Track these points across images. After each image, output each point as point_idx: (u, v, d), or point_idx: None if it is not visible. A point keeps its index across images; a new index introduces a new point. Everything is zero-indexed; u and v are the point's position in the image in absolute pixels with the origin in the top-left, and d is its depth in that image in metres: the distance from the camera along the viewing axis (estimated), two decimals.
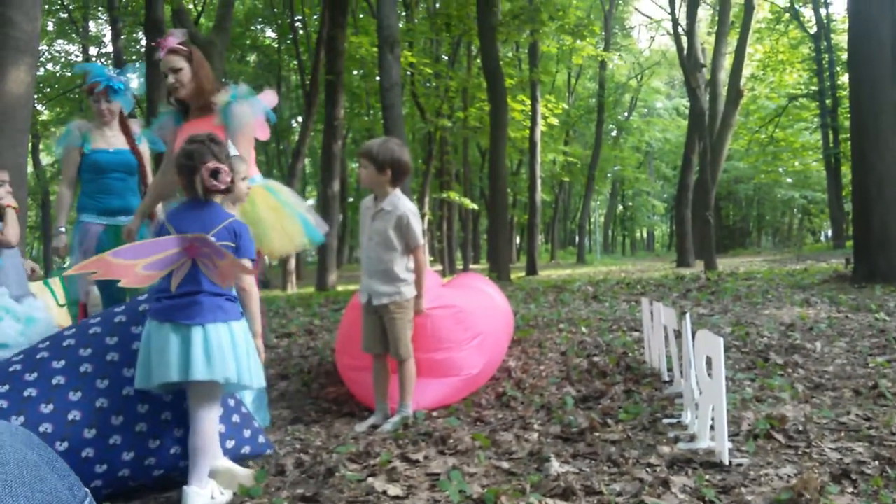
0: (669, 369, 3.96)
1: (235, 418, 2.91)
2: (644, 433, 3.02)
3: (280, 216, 3.53)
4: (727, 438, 2.61)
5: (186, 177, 2.62)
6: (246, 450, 2.89)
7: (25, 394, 2.53)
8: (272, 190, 3.65)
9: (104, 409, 2.59)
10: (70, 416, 2.54)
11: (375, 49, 14.69)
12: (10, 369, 2.62)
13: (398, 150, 3.54)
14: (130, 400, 2.64)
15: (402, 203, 3.54)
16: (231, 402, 2.93)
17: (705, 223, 16.72)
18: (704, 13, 28.52)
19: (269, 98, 3.62)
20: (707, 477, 2.44)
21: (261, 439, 2.98)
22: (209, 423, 2.54)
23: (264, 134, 3.68)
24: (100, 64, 4.73)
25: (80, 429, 2.53)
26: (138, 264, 2.40)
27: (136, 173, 4.40)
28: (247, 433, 2.92)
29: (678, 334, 3.62)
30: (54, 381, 2.58)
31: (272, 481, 2.73)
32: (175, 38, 3.65)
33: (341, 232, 25.28)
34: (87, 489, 1.29)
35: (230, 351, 2.52)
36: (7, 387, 2.55)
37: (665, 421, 3.15)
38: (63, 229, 4.42)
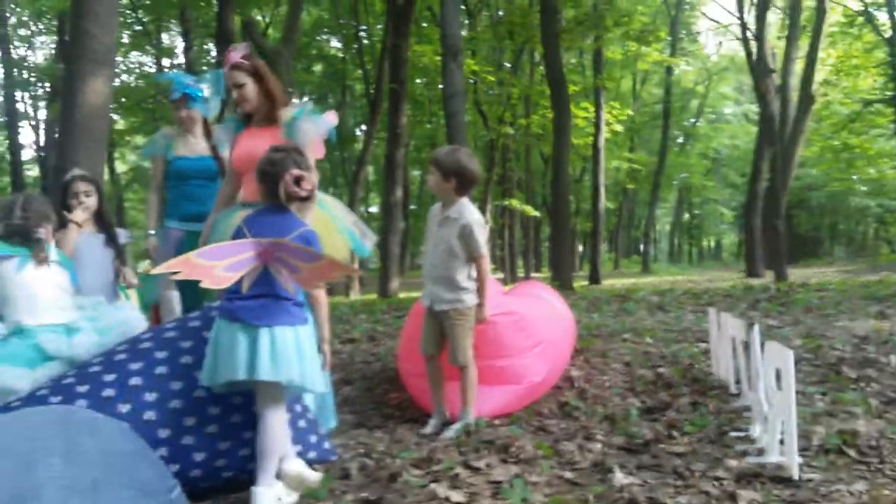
0: (737, 382, 3.87)
1: (301, 424, 2.96)
2: (711, 446, 2.96)
3: (329, 229, 3.53)
4: (797, 453, 2.54)
5: (268, 183, 2.70)
6: (311, 455, 2.93)
7: (104, 394, 2.63)
8: (322, 203, 3.65)
9: (178, 411, 2.67)
10: (146, 416, 2.63)
11: (438, 58, 14.78)
12: (90, 370, 2.72)
13: (465, 160, 3.57)
14: (202, 402, 2.71)
15: (468, 212, 3.56)
16: (298, 408, 2.98)
17: (775, 232, 16.29)
18: (774, 17, 27.75)
19: (331, 118, 3.67)
20: (776, 492, 2.38)
21: (326, 445, 3.02)
22: (276, 424, 2.59)
23: (321, 152, 3.70)
24: (178, 73, 4.82)
25: (154, 429, 2.62)
26: (218, 265, 2.49)
27: (218, 179, 4.49)
28: (312, 439, 2.97)
29: (746, 346, 3.53)
30: (131, 382, 2.67)
31: (337, 485, 2.76)
32: (238, 53, 3.68)
33: (403, 239, 25.45)
34: (175, 480, 1.35)
35: (295, 354, 2.57)
36: (87, 387, 2.65)
37: (732, 434, 3.08)
38: (152, 233, 4.55)
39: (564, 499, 2.38)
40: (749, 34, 19.82)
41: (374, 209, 38.91)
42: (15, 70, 26.70)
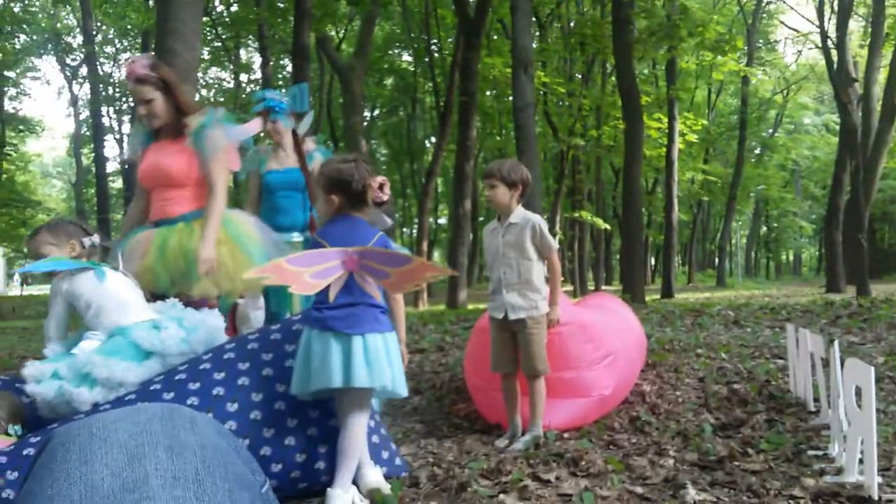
0: (816, 399, 3.76)
1: (375, 439, 3.00)
2: (787, 464, 2.89)
3: (232, 250, 3.39)
4: (877, 473, 2.45)
5: (342, 192, 2.72)
6: (383, 470, 2.97)
7: (189, 402, 2.73)
8: (228, 223, 3.48)
9: (258, 422, 2.74)
10: (227, 425, 2.71)
11: (509, 70, 14.83)
12: (176, 378, 2.83)
13: (525, 170, 3.71)
14: (281, 414, 2.79)
15: (529, 213, 3.68)
16: (371, 423, 3.03)
17: (858, 246, 15.71)
18: (856, 25, 26.89)
19: (251, 126, 3.55)
20: None
21: (398, 461, 3.06)
22: (360, 427, 2.64)
23: (235, 163, 3.59)
24: (268, 90, 4.91)
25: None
26: (307, 272, 2.54)
27: (305, 190, 4.60)
28: (385, 454, 3.01)
29: (826, 363, 3.44)
30: (214, 392, 2.76)
31: (406, 493, 2.80)
32: (141, 65, 3.44)
33: (472, 250, 25.53)
34: (265, 477, 1.41)
35: (385, 359, 2.63)
36: (172, 394, 2.77)
37: (810, 453, 2.99)
38: None
39: None
40: (830, 42, 19.24)
41: (442, 220, 39.17)
42: (101, 86, 27.91)
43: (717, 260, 36.93)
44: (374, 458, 2.93)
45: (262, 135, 4.70)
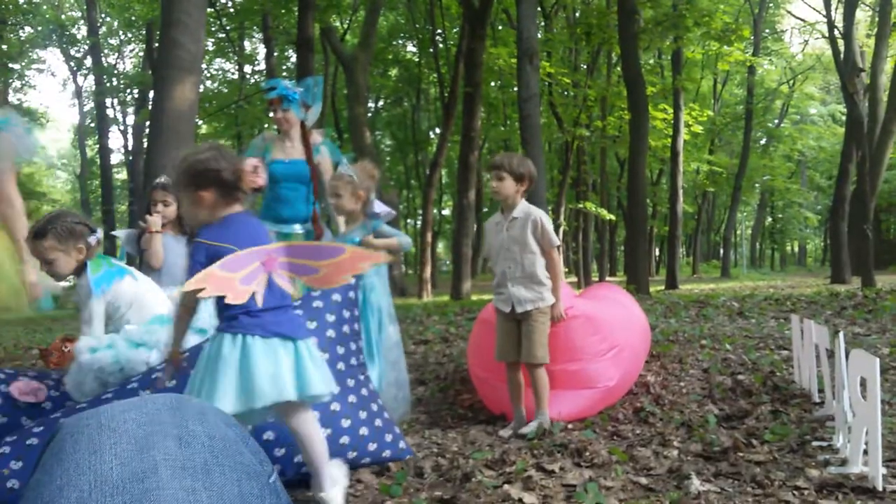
0: (820, 390, 3.76)
1: (378, 423, 3.02)
2: (792, 455, 2.89)
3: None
4: (881, 463, 2.46)
5: (211, 186, 2.40)
6: (386, 453, 2.99)
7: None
8: None
9: None
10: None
11: (514, 60, 14.78)
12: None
13: (531, 164, 3.73)
14: None
15: (532, 208, 3.70)
16: (374, 407, 3.05)
17: (863, 237, 15.68)
18: (863, 15, 26.73)
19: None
20: (858, 502, 2.31)
21: (401, 445, 3.07)
22: (315, 431, 2.48)
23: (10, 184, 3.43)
24: (281, 80, 4.88)
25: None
26: (236, 277, 2.27)
27: (310, 183, 4.58)
28: (388, 437, 3.03)
29: (831, 354, 3.44)
30: None
31: (411, 482, 2.82)
32: None
33: (475, 241, 25.53)
34: (273, 466, 1.43)
35: (323, 363, 2.47)
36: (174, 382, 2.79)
37: (815, 444, 3.00)
38: None
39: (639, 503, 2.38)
40: (836, 32, 19.13)
41: (446, 212, 39.15)
42: (105, 77, 27.93)
43: (721, 251, 36.87)
44: (378, 442, 2.95)
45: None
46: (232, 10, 23.78)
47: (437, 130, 28.14)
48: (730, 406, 3.82)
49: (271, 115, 4.55)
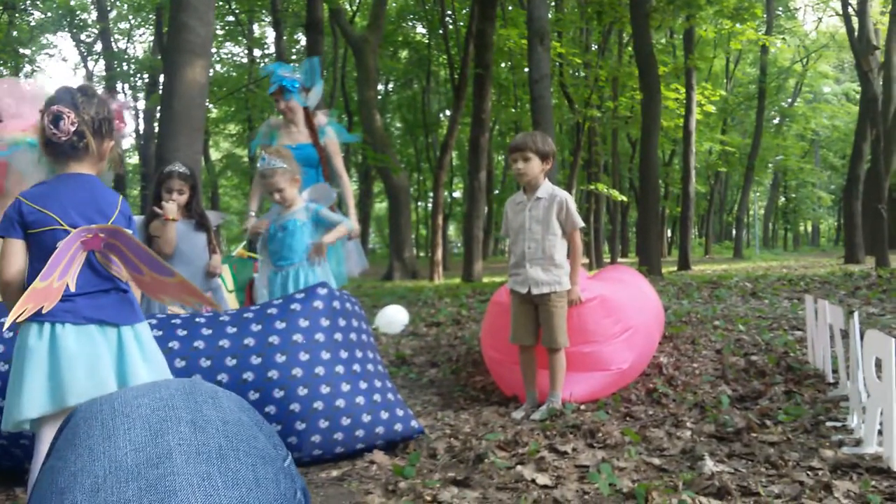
0: (835, 371, 3.74)
1: (390, 396, 3.05)
2: (805, 436, 2.88)
3: None
4: None
5: (47, 141, 2.08)
6: (398, 427, 3.00)
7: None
8: None
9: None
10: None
11: (524, 41, 14.67)
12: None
13: (550, 140, 3.70)
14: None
15: (557, 189, 3.68)
16: (389, 384, 3.11)
17: (878, 216, 15.55)
18: None
19: None
20: (873, 483, 2.31)
21: (413, 423, 3.09)
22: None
23: None
24: (279, 64, 4.88)
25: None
26: (54, 279, 1.97)
27: (318, 166, 4.59)
28: (400, 412, 3.05)
29: (845, 334, 3.42)
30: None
31: (424, 463, 2.83)
32: None
33: (487, 223, 25.49)
34: (287, 450, 1.43)
35: (157, 351, 2.23)
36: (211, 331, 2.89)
37: (829, 424, 2.99)
38: (252, 214, 4.65)
39: (652, 484, 2.37)
40: (850, 10, 18.87)
41: (457, 194, 39.06)
42: (115, 62, 27.95)
43: (734, 231, 36.64)
44: (390, 412, 2.98)
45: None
46: None
47: (448, 112, 28.04)
48: (743, 387, 3.82)
49: (276, 104, 4.57)
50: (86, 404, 1.34)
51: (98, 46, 28.51)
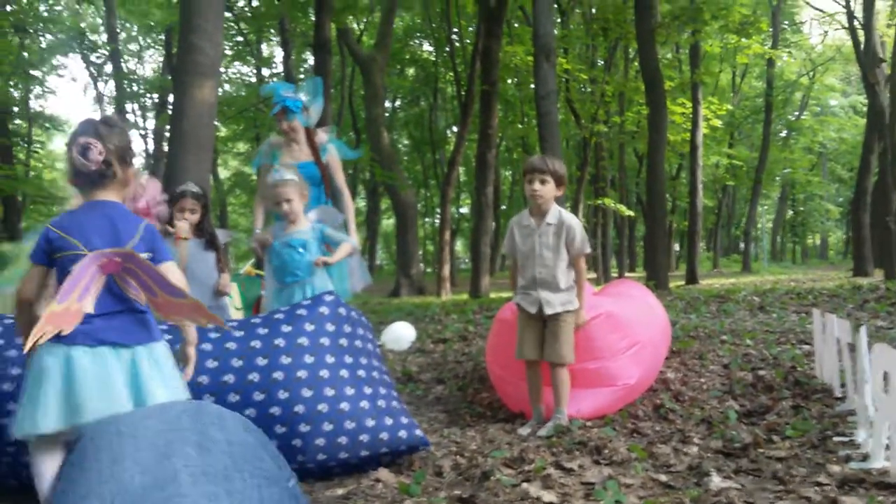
0: (842, 385, 3.73)
1: (395, 404, 3.08)
2: (813, 451, 2.88)
3: None
4: None
5: (77, 170, 2.18)
6: (402, 434, 3.01)
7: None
8: None
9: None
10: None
11: (530, 58, 14.73)
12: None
13: (563, 165, 3.75)
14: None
15: (566, 215, 3.71)
16: (394, 392, 3.16)
17: (886, 229, 15.48)
18: (883, 4, 26.28)
19: None
20: (880, 498, 2.30)
21: (417, 432, 3.09)
22: (50, 471, 2.12)
23: None
24: (280, 83, 4.93)
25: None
26: (72, 300, 2.04)
27: (321, 184, 4.62)
28: (404, 420, 3.07)
29: (853, 348, 3.41)
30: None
31: (430, 481, 2.83)
32: None
33: (494, 239, 25.49)
34: (291, 471, 1.45)
35: (175, 369, 2.27)
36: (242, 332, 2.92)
37: (836, 439, 2.98)
38: (258, 230, 4.66)
39: (659, 501, 2.37)
40: (856, 23, 18.90)
41: (464, 210, 39.12)
42: (125, 82, 28.19)
43: (742, 245, 36.51)
44: (394, 419, 2.99)
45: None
46: (249, 14, 23.92)
47: (455, 129, 28.15)
48: (750, 402, 3.81)
49: (277, 124, 4.62)
50: (93, 426, 1.36)
51: (108, 67, 28.75)
